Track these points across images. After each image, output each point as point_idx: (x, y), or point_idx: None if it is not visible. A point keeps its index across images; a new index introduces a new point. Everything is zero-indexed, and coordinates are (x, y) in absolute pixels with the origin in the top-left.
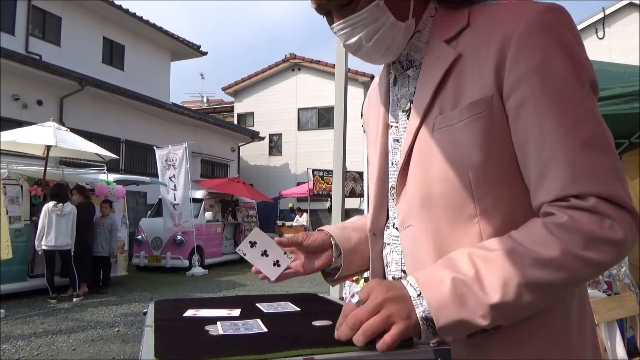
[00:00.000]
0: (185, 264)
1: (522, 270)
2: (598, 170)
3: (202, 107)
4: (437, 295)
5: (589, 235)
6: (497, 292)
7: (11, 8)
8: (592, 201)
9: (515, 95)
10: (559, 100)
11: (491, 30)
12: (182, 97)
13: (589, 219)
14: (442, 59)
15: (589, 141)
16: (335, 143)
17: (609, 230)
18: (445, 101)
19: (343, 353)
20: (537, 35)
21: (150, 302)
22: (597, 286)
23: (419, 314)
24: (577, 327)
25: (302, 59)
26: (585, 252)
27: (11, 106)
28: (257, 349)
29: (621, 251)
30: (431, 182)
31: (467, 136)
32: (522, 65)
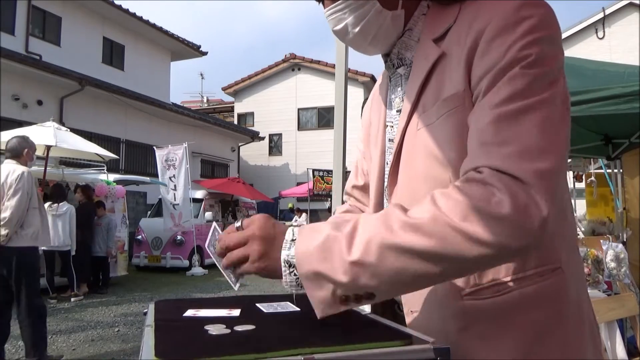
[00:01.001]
0: (185, 264)
1: (388, 232)
2: (502, 143)
3: (202, 107)
4: (306, 244)
5: (471, 206)
6: (358, 250)
7: (11, 8)
8: (485, 173)
9: (477, 88)
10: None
11: (470, 26)
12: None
13: (477, 190)
14: (428, 58)
15: (508, 114)
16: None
17: (496, 204)
18: (427, 99)
19: (343, 352)
20: (508, 30)
21: (150, 302)
22: (597, 286)
23: (283, 256)
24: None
25: (302, 59)
26: (463, 222)
27: (11, 106)
28: (257, 348)
29: (511, 227)
30: (417, 181)
31: (444, 133)
32: (488, 58)
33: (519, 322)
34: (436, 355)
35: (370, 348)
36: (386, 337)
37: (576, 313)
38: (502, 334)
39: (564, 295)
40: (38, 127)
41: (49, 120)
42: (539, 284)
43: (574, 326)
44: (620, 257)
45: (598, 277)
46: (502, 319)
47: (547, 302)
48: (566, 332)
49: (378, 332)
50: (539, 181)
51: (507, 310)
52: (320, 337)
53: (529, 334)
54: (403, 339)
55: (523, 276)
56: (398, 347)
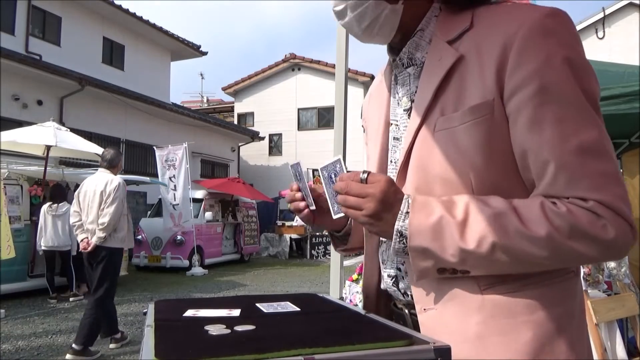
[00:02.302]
0: (185, 264)
1: (503, 234)
2: (596, 176)
3: (202, 107)
4: (420, 221)
5: (580, 228)
6: (472, 242)
7: (11, 8)
8: (591, 203)
9: (515, 99)
10: (558, 106)
11: (493, 32)
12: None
13: (586, 215)
14: (443, 60)
15: (587, 146)
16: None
17: (601, 229)
18: (446, 102)
19: (343, 353)
20: (539, 39)
21: (150, 302)
22: (597, 286)
23: (396, 226)
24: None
25: (302, 59)
26: (569, 241)
27: (11, 106)
28: (257, 348)
29: (609, 251)
30: (432, 183)
31: (469, 139)
32: (523, 69)
33: (536, 319)
34: (437, 356)
35: (370, 348)
36: (387, 337)
37: (579, 313)
38: (520, 330)
39: (573, 296)
40: (38, 127)
41: (49, 120)
42: (558, 285)
43: (577, 326)
44: None
45: (598, 277)
46: (521, 315)
47: (561, 303)
48: (573, 329)
49: (378, 332)
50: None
51: (526, 307)
52: (320, 337)
53: (543, 332)
54: (404, 339)
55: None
56: (398, 347)
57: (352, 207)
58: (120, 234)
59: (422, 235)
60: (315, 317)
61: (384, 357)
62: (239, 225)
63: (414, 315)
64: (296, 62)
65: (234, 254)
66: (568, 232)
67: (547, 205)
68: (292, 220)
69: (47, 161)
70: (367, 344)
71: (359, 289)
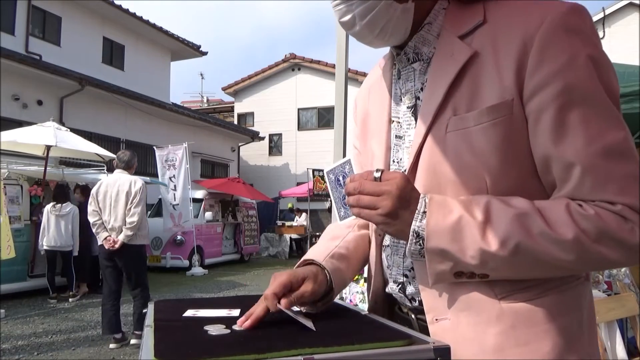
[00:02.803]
0: (185, 264)
1: (527, 236)
2: (624, 179)
3: (202, 107)
4: (437, 221)
5: (608, 232)
6: (495, 243)
7: (11, 8)
8: (620, 207)
9: (537, 99)
10: (582, 107)
11: (511, 28)
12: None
13: (614, 219)
14: (456, 56)
15: (613, 148)
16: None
17: (629, 232)
18: (459, 102)
19: (343, 353)
20: (561, 36)
21: (150, 302)
22: (597, 286)
23: (413, 226)
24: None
25: (302, 59)
26: (596, 244)
27: (11, 106)
28: (257, 348)
29: (635, 255)
30: (443, 186)
31: (486, 141)
32: (545, 69)
33: (554, 327)
34: (436, 355)
35: (370, 348)
36: (386, 337)
37: (590, 316)
38: (541, 339)
39: (585, 299)
40: (38, 127)
41: (49, 120)
42: (571, 289)
43: (588, 329)
44: None
45: (598, 277)
46: (540, 324)
47: (576, 307)
48: (585, 336)
49: (378, 332)
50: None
51: (544, 314)
52: (320, 337)
53: (562, 339)
54: (403, 339)
55: (561, 282)
56: (398, 347)
57: (366, 207)
58: (143, 232)
59: (440, 236)
60: (315, 317)
61: (383, 357)
62: (239, 225)
63: (421, 321)
64: (296, 62)
65: (234, 254)
66: (595, 235)
67: (574, 208)
68: (292, 220)
69: (47, 161)
70: (366, 343)
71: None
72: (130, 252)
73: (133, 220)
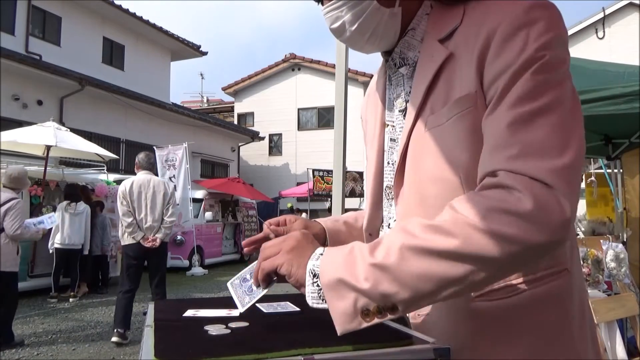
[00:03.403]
0: (185, 264)
1: (409, 236)
2: (517, 145)
3: (202, 107)
4: (332, 254)
5: (490, 206)
6: (380, 254)
7: (11, 8)
8: (500, 175)
9: (492, 89)
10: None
11: (480, 27)
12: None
13: (496, 193)
14: (434, 58)
15: (520, 118)
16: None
17: (516, 201)
18: (436, 100)
19: (343, 353)
20: (517, 31)
21: (150, 302)
22: (597, 286)
23: (309, 266)
24: (578, 329)
25: (302, 59)
26: (484, 221)
27: (11, 106)
28: (257, 348)
29: (534, 224)
30: (425, 182)
31: (455, 134)
32: (501, 60)
33: (530, 324)
34: (436, 356)
35: (370, 348)
36: (386, 338)
37: (580, 312)
38: (515, 337)
39: (569, 295)
40: (38, 127)
41: (49, 120)
42: (548, 285)
43: (578, 326)
44: (620, 257)
45: (598, 277)
46: (515, 321)
47: (556, 304)
48: (572, 332)
49: (378, 332)
50: (558, 180)
51: (519, 312)
52: (320, 337)
53: (540, 336)
54: (403, 340)
55: (534, 278)
56: (398, 347)
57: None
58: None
59: (333, 266)
60: (315, 317)
61: (383, 357)
62: (239, 225)
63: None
64: (296, 62)
65: (234, 254)
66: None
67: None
68: None
69: (47, 161)
70: (366, 344)
71: None
72: (160, 250)
73: (173, 219)
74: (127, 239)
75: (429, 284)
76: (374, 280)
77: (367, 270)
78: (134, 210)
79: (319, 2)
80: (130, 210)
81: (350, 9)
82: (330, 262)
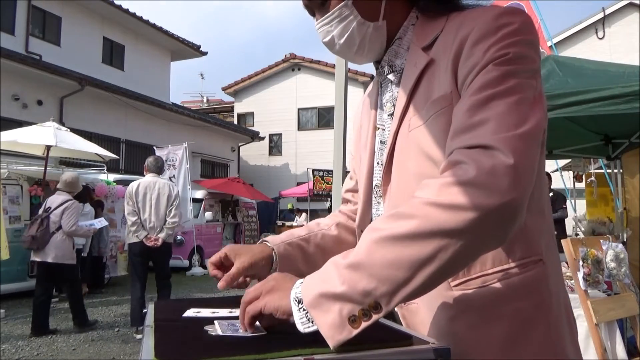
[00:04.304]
0: (185, 264)
1: (373, 232)
2: (473, 125)
3: (202, 107)
4: (311, 277)
5: (441, 183)
6: (351, 255)
7: (11, 8)
8: (454, 153)
9: (463, 89)
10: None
11: (456, 34)
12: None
13: (446, 169)
14: (417, 65)
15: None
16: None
17: (463, 172)
18: (418, 103)
19: (343, 353)
20: (489, 35)
21: (150, 302)
22: (597, 286)
23: (292, 295)
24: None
25: (302, 59)
26: (437, 197)
27: (11, 106)
28: (258, 348)
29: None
30: (409, 181)
31: (434, 132)
32: (471, 60)
33: (505, 312)
34: (436, 356)
35: (370, 348)
36: (386, 338)
37: (556, 303)
38: (489, 324)
39: (545, 286)
40: (38, 127)
41: (49, 120)
42: (523, 275)
43: (555, 316)
44: (620, 257)
45: (598, 277)
46: (490, 309)
47: (531, 293)
48: (548, 321)
49: (378, 332)
50: (504, 143)
51: (495, 300)
52: (320, 337)
53: (514, 324)
54: (403, 340)
55: (508, 267)
56: (398, 347)
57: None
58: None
59: (312, 285)
60: None
61: (383, 357)
62: (239, 225)
63: None
64: (296, 62)
65: None
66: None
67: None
68: (292, 220)
69: (47, 161)
70: (366, 344)
71: None
72: (164, 248)
73: (175, 220)
74: (131, 237)
75: (402, 270)
76: (350, 280)
77: (342, 273)
78: (139, 210)
79: (314, 17)
80: (135, 210)
81: (338, 23)
82: (309, 284)
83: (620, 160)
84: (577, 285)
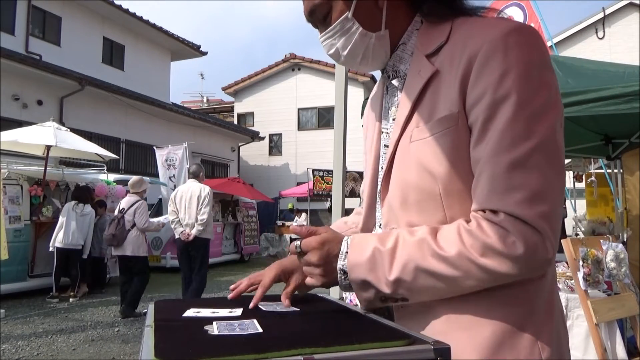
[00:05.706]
0: None
1: (422, 258)
2: (514, 190)
3: (202, 107)
4: (357, 256)
5: (489, 245)
6: (397, 270)
7: (11, 8)
8: (501, 217)
9: (473, 112)
10: (502, 120)
11: (463, 48)
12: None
13: (495, 231)
14: (422, 74)
15: (517, 161)
16: (335, 143)
17: (511, 245)
18: (422, 114)
19: (343, 353)
20: (498, 55)
21: (150, 302)
22: (597, 286)
23: (338, 265)
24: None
25: (302, 59)
26: (482, 258)
27: (11, 106)
28: (257, 348)
29: (522, 265)
30: (408, 190)
31: (437, 150)
32: (481, 84)
33: (498, 315)
34: (436, 356)
35: (370, 348)
36: (386, 337)
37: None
38: (481, 326)
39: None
40: (38, 127)
41: (49, 120)
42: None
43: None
44: (620, 257)
45: (598, 277)
46: (484, 311)
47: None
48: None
49: (378, 332)
50: (545, 224)
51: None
52: (320, 337)
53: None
54: (403, 339)
55: None
56: (398, 347)
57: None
58: (209, 228)
59: (359, 269)
60: (315, 317)
61: (383, 357)
62: (239, 225)
63: None
64: (296, 62)
65: (234, 254)
66: (480, 249)
67: (462, 224)
68: (292, 220)
69: (47, 161)
70: (366, 343)
71: None
72: (201, 243)
73: (203, 218)
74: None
75: (433, 294)
76: (392, 289)
77: (388, 282)
78: (177, 210)
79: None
80: (174, 210)
81: (341, 36)
82: (355, 265)
83: (620, 160)
84: (577, 285)
